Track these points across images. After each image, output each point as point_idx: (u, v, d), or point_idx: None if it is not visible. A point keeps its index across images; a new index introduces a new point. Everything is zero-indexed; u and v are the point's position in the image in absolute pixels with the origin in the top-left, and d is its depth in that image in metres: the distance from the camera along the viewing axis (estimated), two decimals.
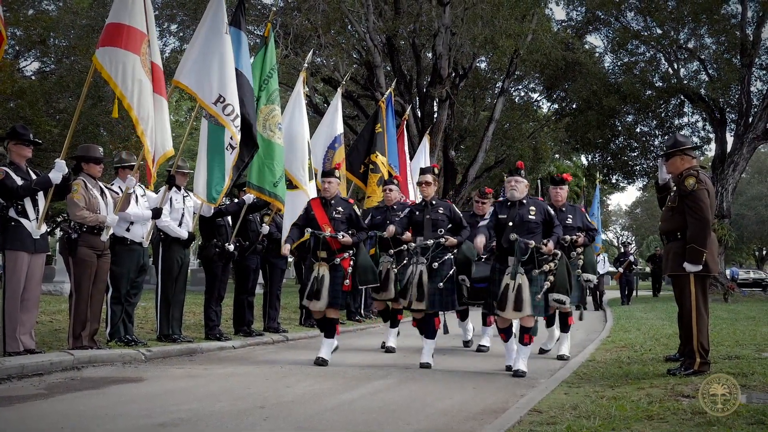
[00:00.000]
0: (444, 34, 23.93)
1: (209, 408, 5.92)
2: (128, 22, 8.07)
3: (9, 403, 5.94)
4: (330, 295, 8.56)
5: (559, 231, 8.11)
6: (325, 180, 8.99)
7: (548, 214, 8.08)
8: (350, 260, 8.75)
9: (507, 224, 7.95)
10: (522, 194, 8.08)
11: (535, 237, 7.88)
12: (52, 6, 27.72)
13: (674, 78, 30.74)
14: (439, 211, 8.86)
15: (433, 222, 8.77)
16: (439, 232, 8.73)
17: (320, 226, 8.73)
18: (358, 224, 8.99)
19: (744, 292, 29.29)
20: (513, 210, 8.05)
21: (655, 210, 56.54)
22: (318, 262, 8.70)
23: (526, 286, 7.74)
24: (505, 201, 8.27)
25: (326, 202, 8.94)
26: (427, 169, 9.30)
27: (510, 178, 8.20)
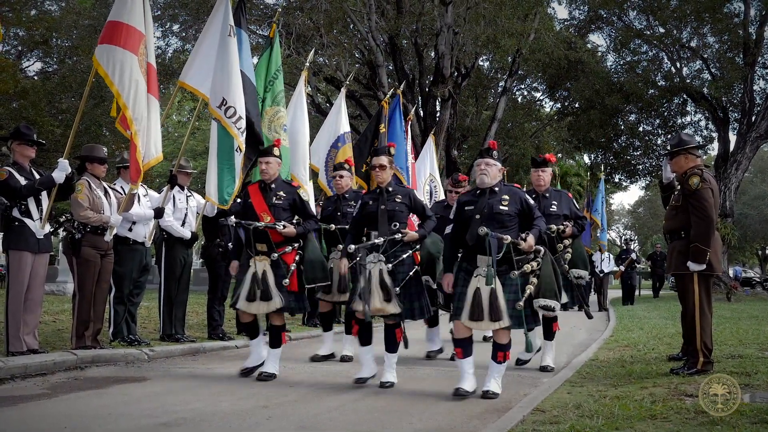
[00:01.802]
0: (446, 33, 23.91)
1: (212, 407, 5.92)
2: (127, 21, 8.07)
3: (12, 403, 5.95)
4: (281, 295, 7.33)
5: (540, 223, 6.67)
6: (263, 160, 7.70)
7: (525, 204, 6.65)
8: (296, 255, 7.51)
9: (473, 217, 6.54)
10: (494, 180, 6.66)
11: (510, 232, 6.43)
12: (54, 6, 27.72)
13: (677, 77, 30.71)
14: (397, 199, 7.35)
15: (390, 213, 7.26)
16: (393, 226, 7.21)
17: (258, 215, 7.50)
18: (305, 212, 7.79)
19: (747, 292, 29.25)
20: (482, 199, 6.62)
21: (657, 209, 56.57)
22: (255, 257, 7.41)
23: (499, 292, 6.34)
24: (473, 189, 6.89)
25: (265, 187, 7.66)
26: (381, 150, 7.77)
27: (480, 161, 6.75)
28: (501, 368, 6.62)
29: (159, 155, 8.57)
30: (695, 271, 7.07)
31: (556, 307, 6.57)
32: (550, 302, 6.46)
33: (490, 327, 6.42)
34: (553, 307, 6.50)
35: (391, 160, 7.57)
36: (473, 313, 6.36)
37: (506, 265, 6.40)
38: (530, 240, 6.41)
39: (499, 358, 6.56)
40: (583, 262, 8.47)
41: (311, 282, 7.53)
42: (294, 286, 7.43)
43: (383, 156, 7.52)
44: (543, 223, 6.75)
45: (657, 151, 32.72)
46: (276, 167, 7.69)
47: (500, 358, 6.56)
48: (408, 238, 7.21)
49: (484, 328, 6.54)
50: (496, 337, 6.57)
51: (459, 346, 6.61)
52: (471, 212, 6.62)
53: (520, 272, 6.38)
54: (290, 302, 7.43)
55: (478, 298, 6.34)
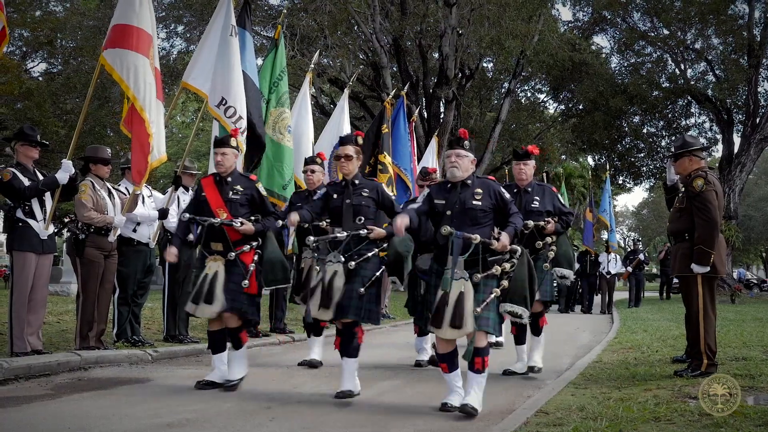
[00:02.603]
0: (450, 34, 23.94)
1: (216, 408, 5.92)
2: (138, 24, 8.10)
3: (16, 404, 5.95)
4: (226, 297, 6.75)
5: (517, 220, 6.04)
6: (218, 151, 7.05)
7: (500, 199, 6.06)
8: (254, 254, 6.98)
9: (444, 212, 6.02)
10: (465, 173, 6.08)
11: (483, 229, 5.90)
12: (59, 7, 27.78)
13: (681, 79, 30.69)
14: (363, 193, 6.79)
15: (355, 208, 6.72)
16: (358, 221, 6.68)
17: (213, 211, 6.92)
18: (264, 208, 7.15)
19: (751, 294, 29.19)
20: (453, 194, 6.06)
21: (662, 211, 56.44)
22: (211, 257, 6.89)
23: (469, 296, 5.73)
24: (444, 182, 6.28)
25: (221, 180, 7.08)
26: (347, 139, 7.06)
27: (450, 152, 6.18)
28: (480, 379, 5.88)
29: (162, 156, 8.58)
30: (699, 273, 7.06)
31: (524, 315, 5.94)
32: (516, 308, 5.91)
33: (452, 335, 5.77)
34: (520, 314, 5.91)
35: (358, 150, 6.96)
36: (435, 319, 5.79)
37: (476, 267, 5.80)
38: (504, 239, 5.81)
39: (476, 366, 5.85)
40: (568, 260, 7.89)
41: (271, 284, 7.08)
42: (252, 288, 6.92)
43: (349, 145, 6.93)
44: (520, 220, 6.12)
45: (661, 153, 32.71)
46: (232, 159, 7.12)
47: (478, 365, 5.85)
48: (374, 235, 6.66)
49: (448, 336, 5.80)
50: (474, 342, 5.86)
51: (443, 361, 6.03)
52: (442, 208, 6.08)
53: (484, 275, 5.78)
54: (242, 305, 6.85)
55: (443, 302, 5.74)
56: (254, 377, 7.42)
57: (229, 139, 7.17)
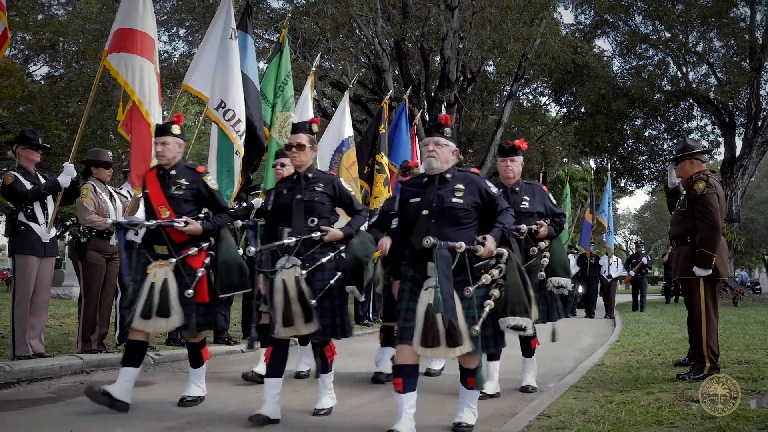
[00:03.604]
0: (452, 38, 23.94)
1: (218, 412, 5.92)
2: (141, 28, 8.11)
3: (19, 407, 5.97)
4: (184, 309, 6.00)
5: (506, 219, 5.27)
6: (158, 140, 6.26)
7: (486, 195, 5.28)
8: (205, 257, 6.16)
9: (420, 212, 5.22)
10: (445, 164, 5.30)
11: (465, 232, 5.14)
12: (61, 11, 27.84)
13: (683, 81, 30.67)
14: (317, 188, 5.93)
15: (306, 205, 5.87)
16: (310, 223, 5.83)
17: (154, 209, 6.18)
18: (215, 203, 6.32)
19: (754, 297, 29.14)
20: (430, 189, 5.27)
21: (663, 214, 56.47)
22: (155, 262, 6.07)
23: (458, 310, 4.98)
24: (420, 176, 5.49)
25: (164, 174, 6.26)
26: (300, 126, 6.17)
27: (428, 140, 5.36)
28: (474, 394, 5.45)
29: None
30: (701, 276, 7.05)
31: (528, 326, 5.08)
32: (521, 320, 5.05)
33: (448, 354, 4.99)
34: (525, 326, 5.06)
35: (312, 140, 6.08)
36: (427, 337, 4.94)
37: (463, 275, 4.99)
38: (489, 244, 5.05)
39: (470, 384, 5.32)
40: (564, 267, 7.04)
41: (227, 290, 6.17)
42: (203, 296, 6.09)
43: (302, 133, 6.04)
44: (510, 218, 5.32)
45: (663, 156, 32.70)
46: (176, 149, 6.29)
47: (471, 383, 5.30)
48: (329, 237, 5.85)
49: (442, 356, 5.08)
50: (462, 361, 5.25)
51: (400, 375, 5.09)
52: (417, 206, 5.27)
53: (476, 287, 5.00)
54: (197, 317, 6.08)
55: (431, 317, 4.90)
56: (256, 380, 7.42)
57: (170, 126, 6.36)
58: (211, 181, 6.36)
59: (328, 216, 5.95)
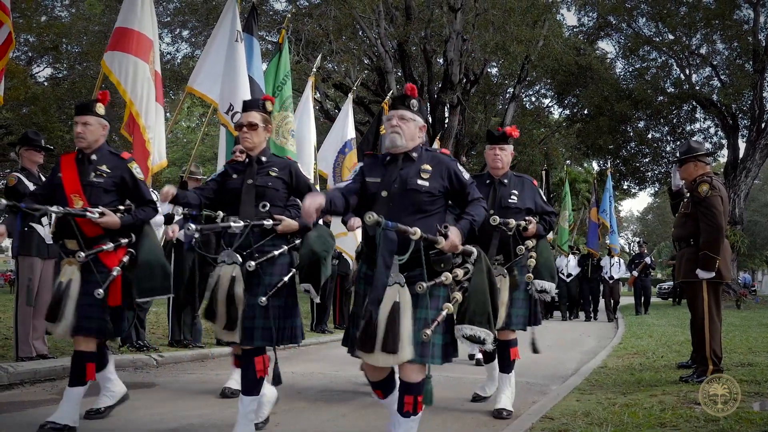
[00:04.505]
0: (455, 40, 23.94)
1: (220, 413, 5.93)
2: (138, 29, 8.13)
3: (22, 408, 5.97)
4: (78, 312, 5.15)
5: (477, 211, 4.46)
6: (79, 120, 5.47)
7: (456, 180, 4.49)
8: (124, 254, 5.39)
9: (379, 194, 4.43)
10: (410, 141, 4.52)
11: (428, 220, 4.33)
12: (64, 12, 27.89)
13: (686, 84, 30.64)
14: (271, 173, 5.24)
15: (258, 190, 5.15)
16: (262, 208, 5.10)
17: (66, 197, 5.32)
18: (139, 195, 5.54)
19: (756, 299, 29.10)
20: (392, 169, 4.50)
21: (666, 216, 56.45)
22: (66, 259, 5.31)
23: (406, 310, 4.18)
24: (382, 155, 4.70)
25: (83, 158, 5.48)
26: (253, 103, 5.55)
27: (391, 114, 4.59)
28: (412, 424, 4.39)
29: (163, 161, 8.61)
30: (704, 278, 7.05)
31: (488, 339, 4.36)
32: (480, 331, 4.34)
33: (386, 362, 4.20)
34: (484, 338, 4.34)
35: (266, 119, 5.45)
36: (364, 340, 4.17)
37: (419, 269, 4.21)
38: (453, 236, 4.23)
39: (406, 407, 4.33)
40: (550, 271, 6.38)
41: (146, 293, 5.44)
42: (115, 299, 5.32)
43: (254, 111, 5.38)
44: (481, 210, 4.52)
45: (666, 158, 32.65)
46: (99, 131, 5.53)
47: (408, 406, 4.32)
48: (283, 228, 5.11)
49: (381, 363, 4.23)
50: (403, 373, 4.32)
51: (378, 388, 4.63)
52: (375, 187, 4.47)
53: (432, 284, 4.22)
54: (100, 323, 5.27)
55: (371, 320, 4.18)
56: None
57: (94, 104, 5.56)
58: (137, 169, 5.60)
59: (282, 205, 5.22)
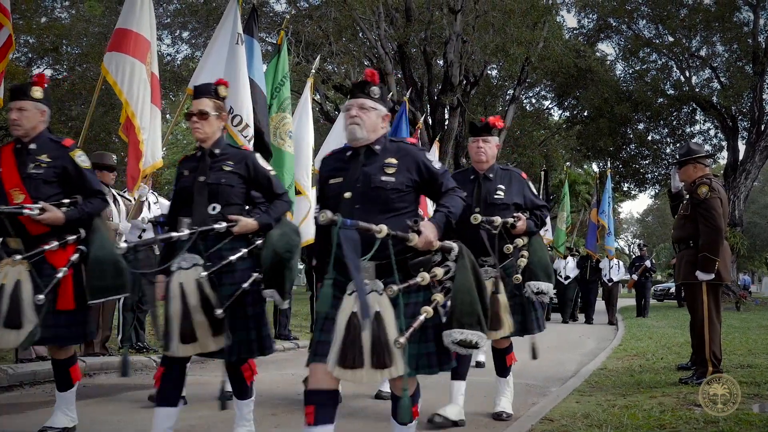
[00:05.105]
0: (455, 41, 23.94)
1: (221, 415, 5.91)
2: (136, 29, 8.14)
3: (21, 410, 5.97)
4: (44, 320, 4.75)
5: (453, 203, 4.03)
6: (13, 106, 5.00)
7: (426, 171, 4.05)
8: (73, 253, 4.91)
9: (341, 194, 4.01)
10: (372, 133, 4.08)
11: (399, 219, 3.89)
12: (64, 14, 27.89)
13: (686, 86, 30.65)
14: (225, 168, 4.68)
15: (211, 188, 4.62)
16: (212, 210, 4.59)
17: (6, 193, 4.88)
18: (85, 186, 5.05)
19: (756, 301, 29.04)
20: (354, 165, 4.08)
21: (666, 218, 56.44)
22: (7, 259, 4.83)
23: (388, 319, 3.76)
24: (342, 150, 4.28)
25: (21, 149, 5.02)
26: (204, 89, 4.87)
27: (350, 103, 4.15)
28: None
29: (157, 162, 8.61)
30: (704, 280, 7.05)
31: (480, 342, 3.85)
32: (471, 335, 3.82)
33: (374, 378, 3.81)
34: (476, 342, 3.84)
35: (219, 106, 4.83)
36: (346, 356, 3.75)
37: (388, 273, 3.85)
38: (427, 232, 3.80)
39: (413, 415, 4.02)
40: (545, 270, 5.84)
41: (98, 294, 4.92)
42: (67, 303, 4.88)
43: (205, 98, 4.77)
44: (458, 202, 4.07)
45: (666, 160, 32.64)
46: (37, 117, 5.05)
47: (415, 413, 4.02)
48: (239, 228, 4.59)
49: (366, 380, 3.80)
50: (392, 386, 4.09)
51: (312, 403, 4.01)
52: (338, 187, 4.06)
53: (405, 285, 3.81)
54: (59, 328, 4.87)
55: (354, 330, 3.75)
56: (258, 384, 7.41)
57: (29, 88, 5.07)
58: (81, 158, 5.06)
59: (239, 203, 4.72)
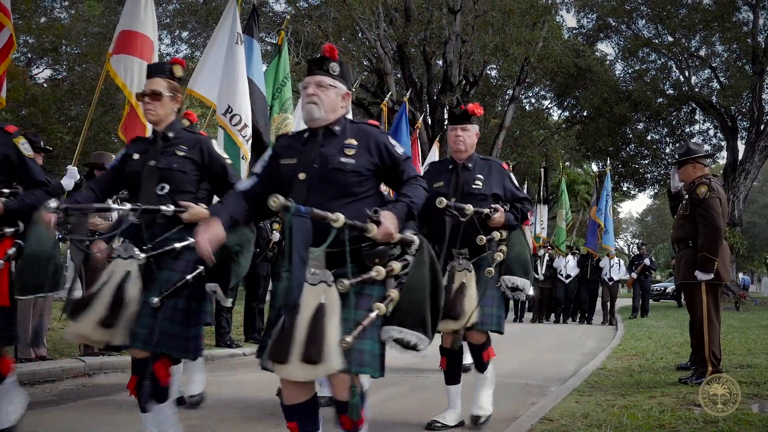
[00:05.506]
0: (455, 41, 23.95)
1: (220, 415, 5.93)
2: (142, 31, 8.17)
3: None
4: None
5: (414, 192, 3.70)
6: None
7: (387, 155, 3.73)
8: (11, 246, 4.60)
9: (295, 176, 3.66)
10: (331, 114, 3.75)
11: (357, 205, 3.58)
12: (64, 14, 27.88)
13: (685, 86, 30.65)
14: (178, 152, 4.37)
15: (161, 173, 4.33)
16: (160, 190, 4.31)
17: None
18: (28, 175, 4.71)
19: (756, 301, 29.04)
20: (310, 147, 3.73)
21: (666, 218, 56.46)
22: None
23: (333, 313, 3.41)
24: (300, 132, 3.90)
25: None
26: (158, 68, 4.58)
27: (307, 81, 3.78)
28: None
29: None
30: (703, 280, 7.05)
31: (420, 345, 3.57)
32: (410, 335, 3.55)
33: (305, 374, 3.38)
34: (414, 344, 3.55)
35: (174, 87, 4.50)
36: (277, 348, 3.39)
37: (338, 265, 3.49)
38: (387, 222, 3.46)
39: (345, 427, 3.61)
40: (523, 265, 5.49)
41: (28, 290, 4.55)
42: (3, 298, 4.52)
43: (158, 77, 4.45)
44: (420, 191, 3.74)
45: (665, 160, 32.64)
46: None
47: (348, 425, 3.59)
48: (189, 216, 4.28)
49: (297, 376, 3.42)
50: (335, 386, 3.57)
51: (293, 420, 3.67)
52: (291, 169, 3.69)
53: (358, 280, 3.47)
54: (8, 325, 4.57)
55: (284, 325, 3.43)
56: (258, 384, 7.42)
57: None
58: (24, 145, 4.70)
59: (192, 191, 4.40)
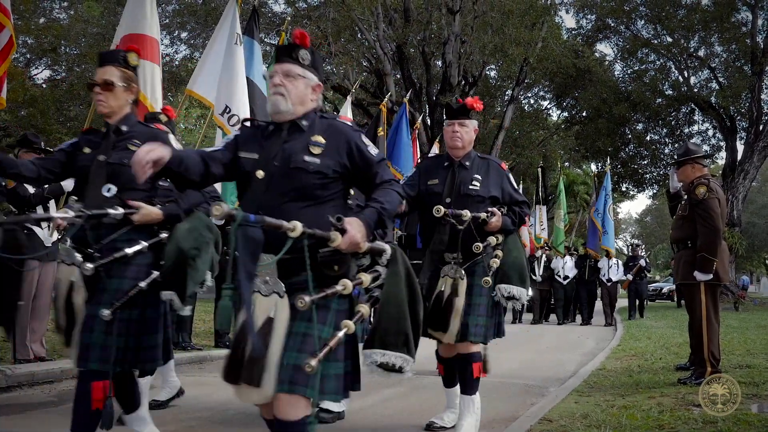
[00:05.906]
0: (454, 42, 23.96)
1: (219, 416, 5.93)
2: (149, 33, 8.20)
3: (20, 411, 5.96)
4: None
5: (387, 197, 3.29)
6: None
7: (358, 155, 3.33)
8: None
9: (254, 174, 3.25)
10: (299, 106, 3.34)
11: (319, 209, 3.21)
12: (63, 14, 27.89)
13: (684, 86, 30.67)
14: (131, 147, 3.92)
15: (112, 169, 3.97)
16: (107, 192, 3.96)
17: None
18: None
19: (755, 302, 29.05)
20: (273, 142, 3.33)
21: (665, 218, 56.50)
22: None
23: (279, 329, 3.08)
24: (264, 125, 3.44)
25: None
26: (111, 56, 4.20)
27: (275, 70, 3.37)
28: None
29: None
30: (702, 280, 7.06)
31: (405, 366, 3.23)
32: (395, 357, 3.21)
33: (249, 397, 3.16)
34: (399, 366, 3.22)
35: (129, 77, 4.14)
36: (229, 366, 3.11)
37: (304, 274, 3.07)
38: (353, 231, 3.08)
39: None
40: (520, 273, 5.06)
41: None
42: None
43: (110, 66, 4.09)
44: (394, 197, 3.34)
45: (664, 160, 32.65)
46: None
47: None
48: (141, 218, 3.97)
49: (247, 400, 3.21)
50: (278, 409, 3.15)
51: None
52: (251, 165, 3.29)
53: (320, 296, 3.05)
54: None
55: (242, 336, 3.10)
56: None
57: None
58: None
59: (146, 188, 4.04)
